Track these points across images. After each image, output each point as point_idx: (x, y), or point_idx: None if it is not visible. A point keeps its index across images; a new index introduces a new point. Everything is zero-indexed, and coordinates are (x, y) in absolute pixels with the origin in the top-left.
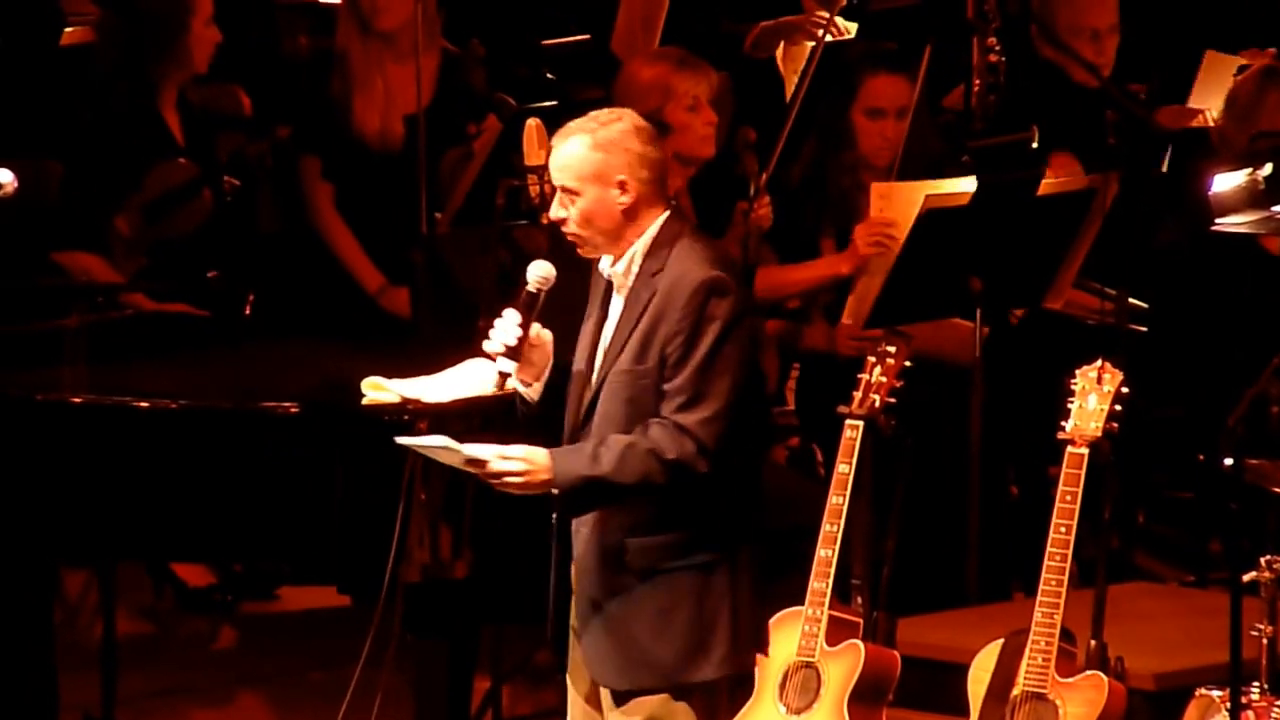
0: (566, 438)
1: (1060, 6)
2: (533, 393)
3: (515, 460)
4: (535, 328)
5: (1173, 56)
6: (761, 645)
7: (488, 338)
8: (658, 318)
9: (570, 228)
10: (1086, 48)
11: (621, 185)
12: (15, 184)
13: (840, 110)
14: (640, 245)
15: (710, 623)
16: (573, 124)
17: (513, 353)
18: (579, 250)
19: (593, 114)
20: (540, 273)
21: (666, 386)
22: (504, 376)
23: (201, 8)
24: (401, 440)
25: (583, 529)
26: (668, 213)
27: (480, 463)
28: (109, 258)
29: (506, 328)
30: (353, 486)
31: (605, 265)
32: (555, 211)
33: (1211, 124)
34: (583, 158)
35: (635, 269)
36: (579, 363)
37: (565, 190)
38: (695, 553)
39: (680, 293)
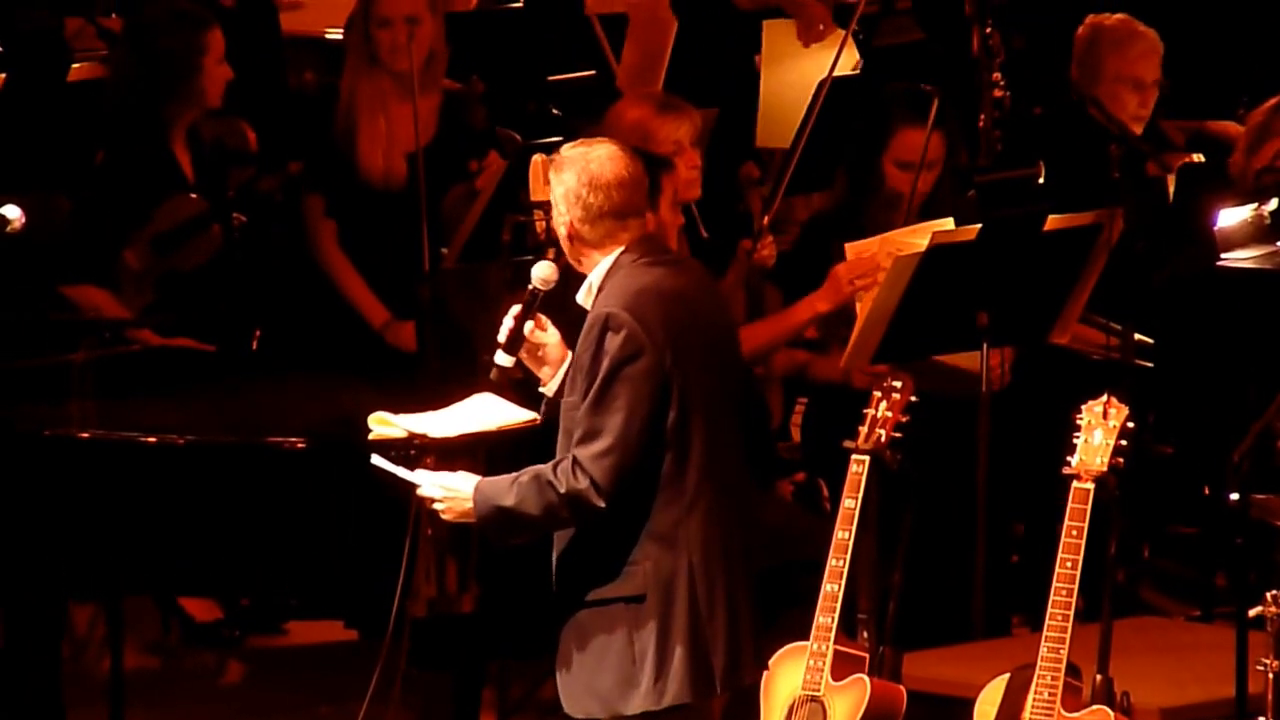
0: None
1: (1108, 53)
2: (549, 390)
3: (438, 487)
4: (529, 325)
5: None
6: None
7: (492, 369)
8: (580, 350)
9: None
10: (1130, 97)
11: (560, 214)
12: (23, 219)
13: (871, 154)
14: (594, 277)
15: (640, 655)
16: (569, 144)
17: (508, 346)
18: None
19: (585, 139)
20: (542, 273)
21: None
22: (497, 369)
23: (214, 46)
24: (375, 460)
25: (555, 559)
26: (621, 250)
27: (415, 487)
28: (117, 292)
29: (504, 321)
30: (359, 521)
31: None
32: None
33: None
34: (553, 180)
35: (590, 301)
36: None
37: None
38: (624, 585)
39: (586, 327)
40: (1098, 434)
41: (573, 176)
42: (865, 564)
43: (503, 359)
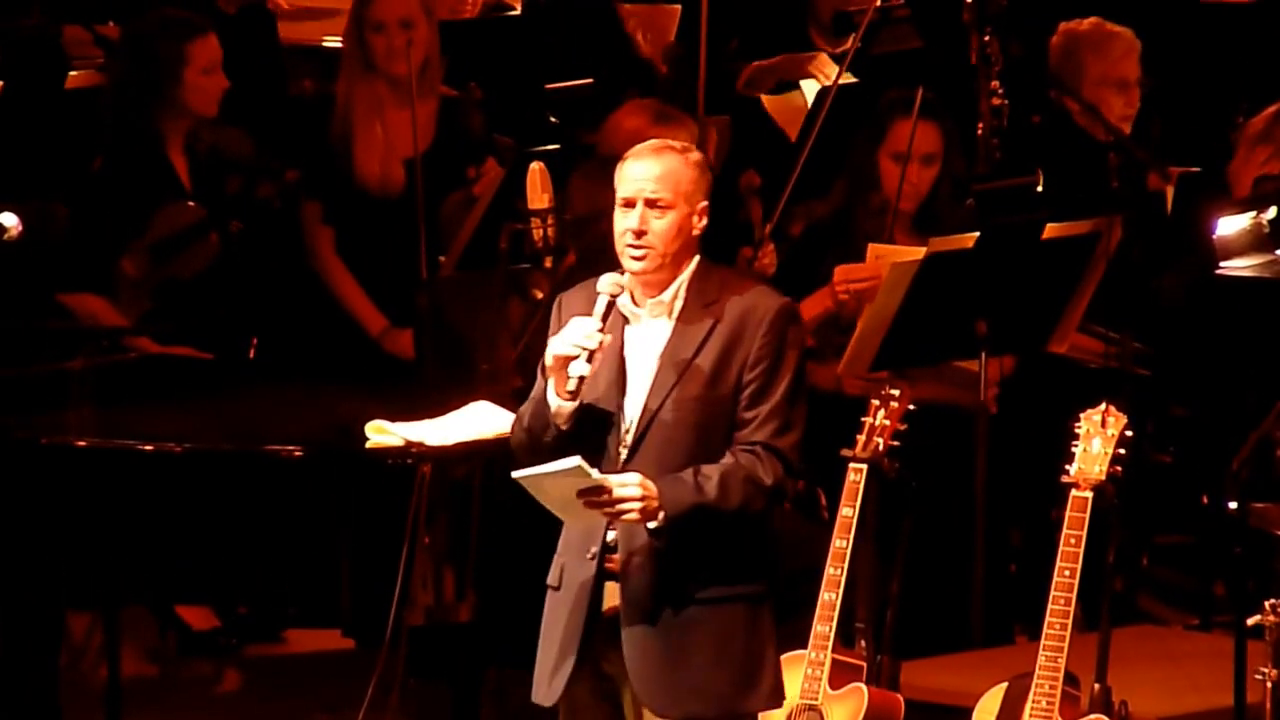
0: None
1: (1090, 58)
2: (568, 408)
3: (634, 487)
4: (607, 337)
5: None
6: None
7: (490, 379)
8: (730, 344)
9: (649, 240)
10: (1115, 97)
11: (702, 212)
12: (20, 227)
13: (868, 152)
14: (686, 276)
15: (759, 654)
16: (655, 142)
17: (592, 356)
18: (642, 265)
19: (668, 140)
20: (614, 278)
21: (751, 412)
22: (581, 380)
23: (197, 56)
24: (519, 474)
25: (634, 558)
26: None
27: (600, 490)
28: (115, 300)
29: (586, 332)
30: (357, 529)
31: (626, 302)
32: (634, 222)
33: None
34: (683, 174)
35: (680, 300)
36: (602, 398)
37: (656, 202)
38: (748, 584)
39: (758, 320)
40: (1096, 442)
41: (702, 174)
42: (863, 572)
43: (583, 369)
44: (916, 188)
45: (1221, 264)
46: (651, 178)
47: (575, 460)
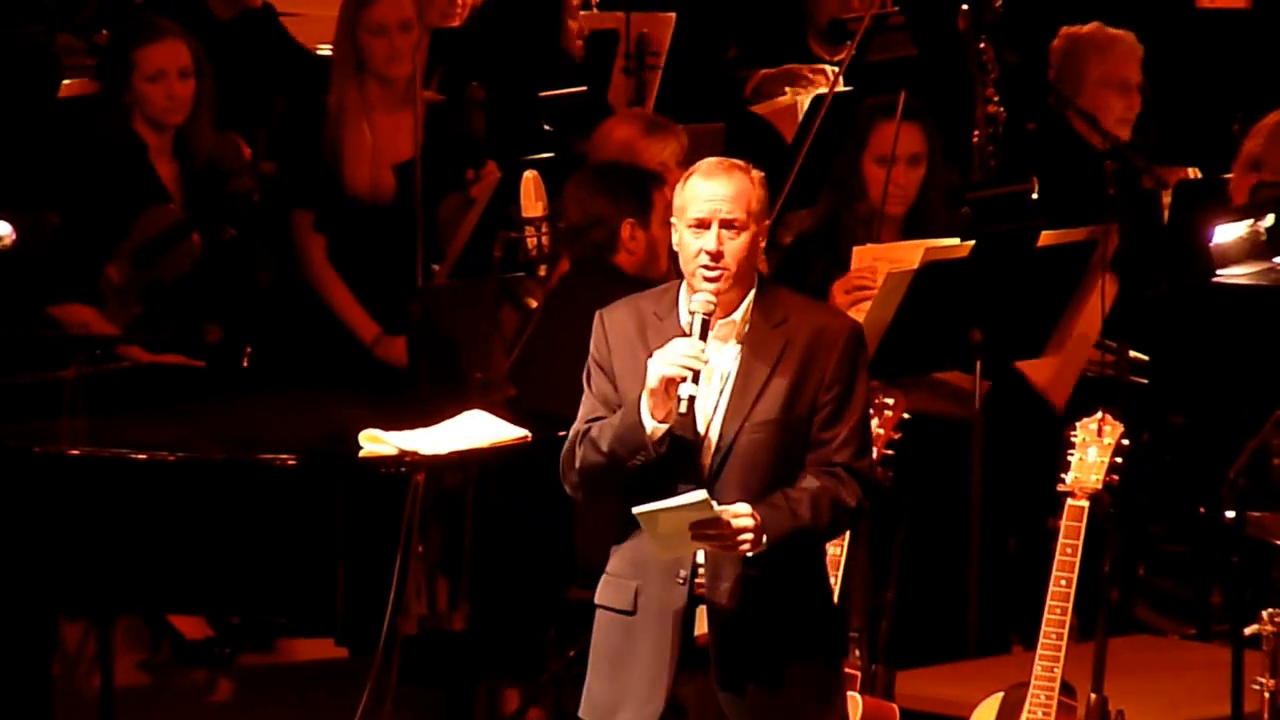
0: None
1: (1093, 59)
2: (663, 430)
3: (748, 518)
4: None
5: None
6: None
7: (483, 387)
8: (804, 366)
9: (725, 262)
10: (1116, 99)
11: (764, 231)
12: (13, 236)
13: (852, 159)
14: (752, 296)
15: (835, 674)
16: (720, 161)
17: (697, 377)
18: (717, 285)
19: (730, 159)
20: (706, 297)
21: (828, 434)
22: (691, 400)
23: (144, 63)
24: (640, 510)
25: (723, 582)
26: None
27: (717, 523)
28: (102, 307)
29: (691, 352)
30: (350, 538)
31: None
32: (712, 243)
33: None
34: (751, 192)
35: (749, 321)
36: (679, 422)
37: (732, 222)
38: (821, 604)
39: (831, 341)
40: (1092, 451)
41: (765, 192)
42: (857, 581)
43: (693, 389)
44: (904, 190)
45: (1219, 272)
46: (726, 197)
47: (701, 494)
